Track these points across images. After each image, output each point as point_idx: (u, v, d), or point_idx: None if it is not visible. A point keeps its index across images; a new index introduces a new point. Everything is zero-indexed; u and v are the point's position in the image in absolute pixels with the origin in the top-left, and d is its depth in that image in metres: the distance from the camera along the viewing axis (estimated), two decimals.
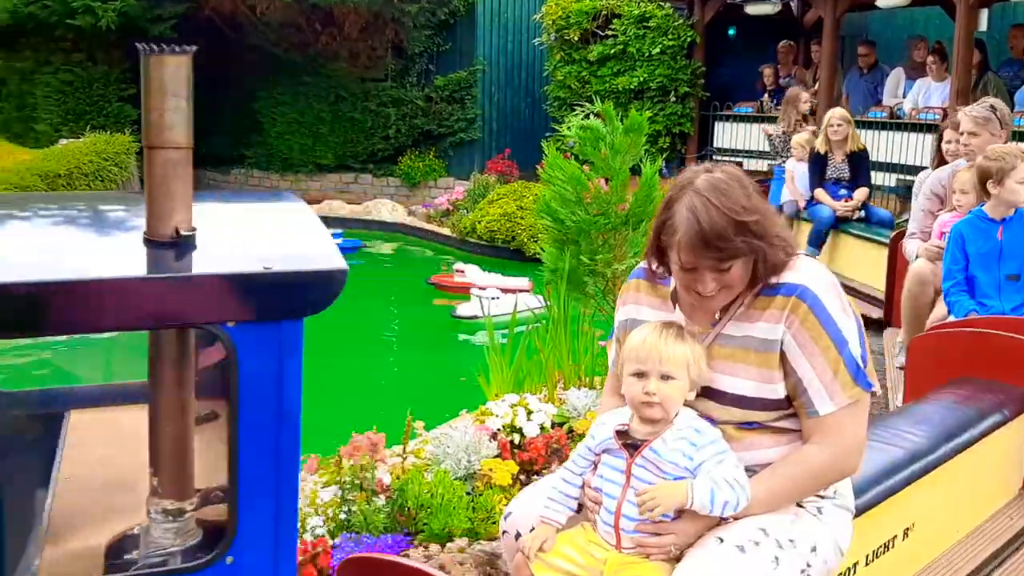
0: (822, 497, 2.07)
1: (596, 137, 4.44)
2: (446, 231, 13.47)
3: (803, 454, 2.00)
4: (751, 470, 1.99)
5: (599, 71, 13.14)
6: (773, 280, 1.98)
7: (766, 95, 11.81)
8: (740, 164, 9.80)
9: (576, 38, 13.24)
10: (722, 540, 1.90)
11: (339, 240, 11.31)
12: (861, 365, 1.98)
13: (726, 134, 12.49)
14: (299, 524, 2.65)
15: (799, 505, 2.04)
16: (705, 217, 1.88)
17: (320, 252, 1.46)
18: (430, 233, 13.81)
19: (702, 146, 12.87)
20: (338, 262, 1.41)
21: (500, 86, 16.03)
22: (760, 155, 11.35)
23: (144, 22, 15.26)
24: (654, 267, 2.11)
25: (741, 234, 1.90)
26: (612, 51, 13.00)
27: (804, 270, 2.01)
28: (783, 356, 1.98)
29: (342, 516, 3.00)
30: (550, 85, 13.93)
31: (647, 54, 12.73)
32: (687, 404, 2.02)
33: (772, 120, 10.38)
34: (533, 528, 2.03)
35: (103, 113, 16.00)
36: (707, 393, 2.03)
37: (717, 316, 2.06)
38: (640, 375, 1.97)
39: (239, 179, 16.77)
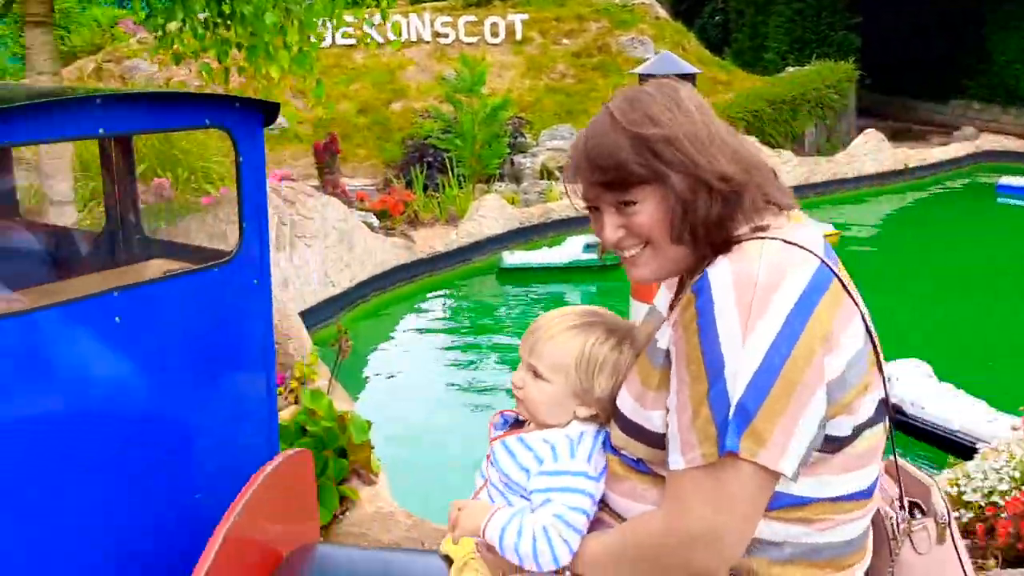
0: None
1: None
2: None
3: (643, 517, 1.41)
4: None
5: None
6: (709, 252, 1.36)
7: None
8: None
9: None
10: None
11: None
12: (735, 415, 1.26)
13: None
14: None
15: None
16: (598, 129, 1.40)
17: None
18: None
19: None
20: None
21: None
22: None
23: None
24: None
25: (640, 153, 1.35)
26: None
27: (753, 250, 1.32)
28: (666, 375, 1.37)
29: None
30: None
31: None
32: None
33: None
34: None
35: (827, 42, 16.64)
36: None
37: (670, 299, 1.48)
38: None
39: (956, 112, 16.10)
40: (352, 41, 13.63)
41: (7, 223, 2.68)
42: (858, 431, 1.34)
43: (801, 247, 1.32)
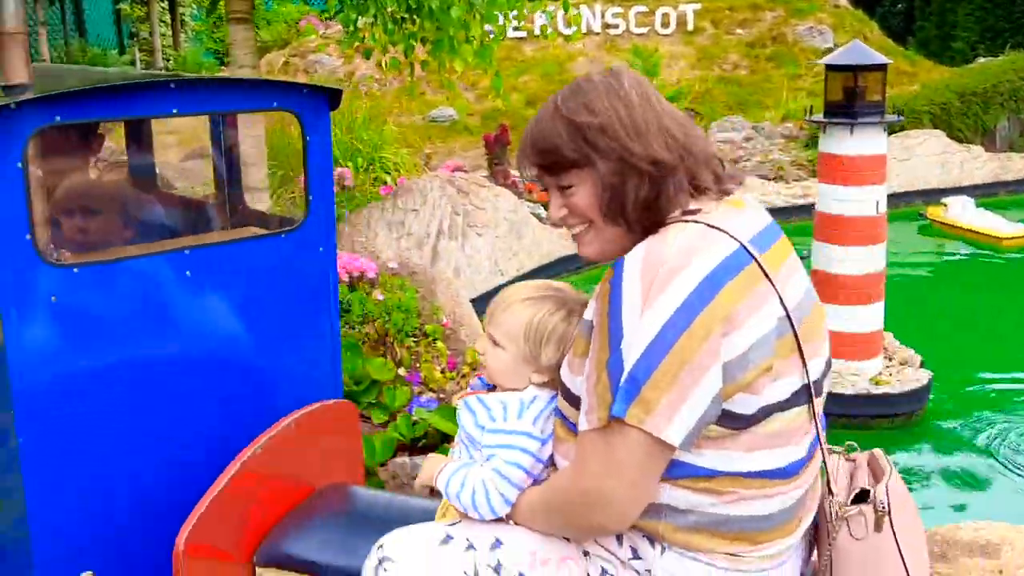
0: (614, 556, 1.53)
1: None
2: None
3: (558, 474, 1.56)
4: None
5: None
6: (641, 233, 1.46)
7: None
8: None
9: None
10: (451, 537, 1.63)
11: None
12: (625, 382, 1.35)
13: None
14: None
15: (586, 553, 1.57)
16: (542, 115, 1.50)
17: None
18: None
19: None
20: None
21: None
22: None
23: None
24: None
25: (574, 140, 1.46)
26: None
27: (672, 232, 1.42)
28: (588, 344, 1.46)
29: None
30: None
31: None
32: None
33: None
34: None
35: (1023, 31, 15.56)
36: None
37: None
38: None
39: None
40: (523, 34, 13.79)
41: (141, 190, 3.14)
42: (767, 412, 1.40)
43: (723, 231, 1.41)
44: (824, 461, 1.55)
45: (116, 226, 2.82)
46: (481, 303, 6.46)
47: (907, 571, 1.49)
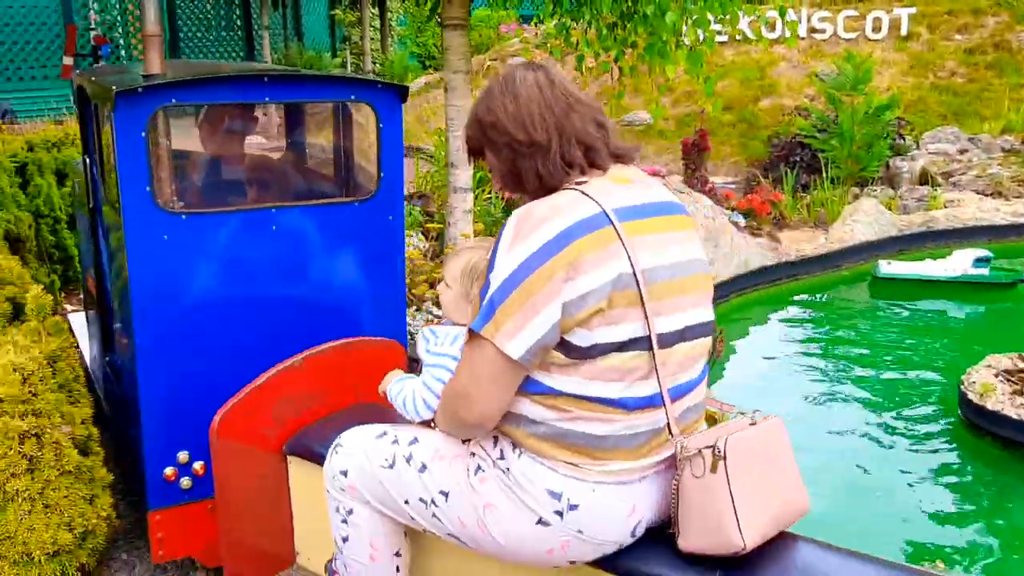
0: (488, 456, 1.93)
1: None
2: None
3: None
4: None
5: None
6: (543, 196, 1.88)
7: None
8: None
9: None
10: (385, 433, 2.16)
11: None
12: (486, 305, 1.76)
13: None
14: None
15: (473, 453, 1.97)
16: (472, 107, 2.01)
17: None
18: None
19: None
20: None
21: None
22: None
23: None
24: None
25: (476, 132, 1.96)
26: None
27: (552, 195, 1.85)
28: None
29: None
30: None
31: None
32: None
33: None
34: None
35: None
36: None
37: None
38: None
39: None
40: (724, 38, 13.51)
41: (257, 161, 3.71)
42: (603, 350, 1.75)
43: (591, 198, 1.79)
44: (666, 406, 1.81)
45: (226, 186, 3.55)
46: None
47: (735, 510, 1.75)
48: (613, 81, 4.86)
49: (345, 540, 2.22)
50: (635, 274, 1.74)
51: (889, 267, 7.97)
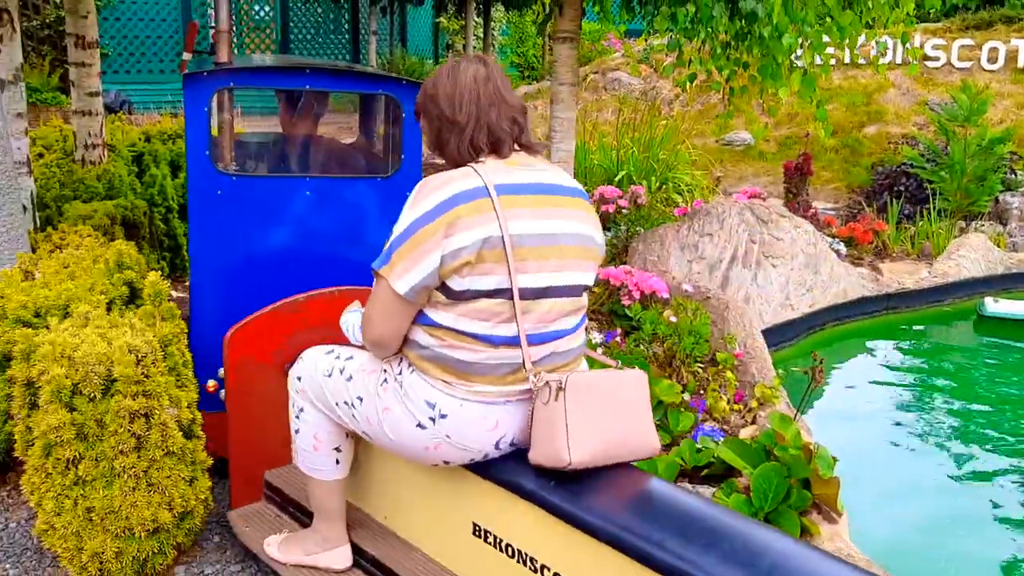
0: (392, 371, 2.45)
1: None
2: None
3: None
4: None
5: None
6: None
7: None
8: None
9: None
10: (332, 351, 2.69)
11: None
12: (386, 250, 2.28)
13: None
14: None
15: (385, 370, 2.47)
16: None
17: None
18: None
19: None
20: None
21: None
22: None
23: None
24: None
25: (423, 99, 2.44)
26: None
27: (451, 169, 2.34)
28: None
29: None
30: None
31: None
32: None
33: None
34: None
35: None
36: None
37: None
38: None
39: None
40: (832, 61, 13.23)
41: (304, 140, 4.30)
42: (473, 295, 2.22)
43: (479, 175, 2.25)
44: (523, 347, 2.25)
45: (274, 157, 4.40)
46: (769, 336, 6.26)
47: (567, 432, 2.17)
48: (722, 101, 4.80)
49: (297, 432, 2.77)
50: (503, 237, 2.18)
51: (996, 305, 7.67)
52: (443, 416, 2.31)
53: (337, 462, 2.75)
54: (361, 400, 2.48)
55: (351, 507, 2.97)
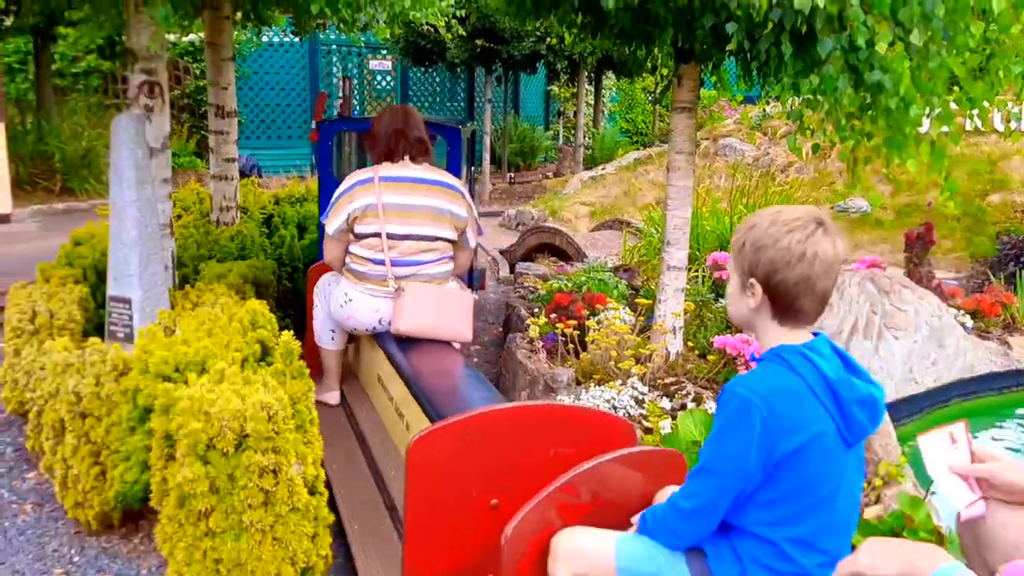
0: (343, 279, 4.51)
1: None
2: None
3: None
4: None
5: None
6: None
7: None
8: None
9: None
10: (347, 293, 4.50)
11: None
12: (327, 208, 4.40)
13: None
14: None
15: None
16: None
17: None
18: None
19: None
20: None
21: None
22: None
23: None
24: None
25: (374, 126, 4.56)
26: None
27: (366, 168, 4.42)
28: None
29: None
30: None
31: None
32: None
33: None
34: None
35: None
36: None
37: None
38: None
39: None
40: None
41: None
42: (362, 235, 4.25)
43: (372, 171, 4.31)
44: (388, 267, 4.25)
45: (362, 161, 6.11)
46: (892, 410, 6.02)
47: (403, 313, 4.14)
48: (845, 173, 4.73)
49: (315, 319, 4.74)
50: (379, 204, 4.18)
51: None
52: (350, 300, 4.32)
53: (332, 338, 4.64)
54: (329, 296, 4.54)
55: (349, 372, 5.12)
